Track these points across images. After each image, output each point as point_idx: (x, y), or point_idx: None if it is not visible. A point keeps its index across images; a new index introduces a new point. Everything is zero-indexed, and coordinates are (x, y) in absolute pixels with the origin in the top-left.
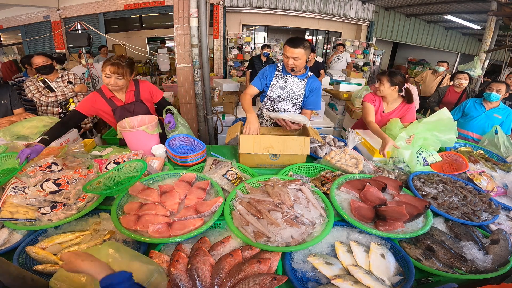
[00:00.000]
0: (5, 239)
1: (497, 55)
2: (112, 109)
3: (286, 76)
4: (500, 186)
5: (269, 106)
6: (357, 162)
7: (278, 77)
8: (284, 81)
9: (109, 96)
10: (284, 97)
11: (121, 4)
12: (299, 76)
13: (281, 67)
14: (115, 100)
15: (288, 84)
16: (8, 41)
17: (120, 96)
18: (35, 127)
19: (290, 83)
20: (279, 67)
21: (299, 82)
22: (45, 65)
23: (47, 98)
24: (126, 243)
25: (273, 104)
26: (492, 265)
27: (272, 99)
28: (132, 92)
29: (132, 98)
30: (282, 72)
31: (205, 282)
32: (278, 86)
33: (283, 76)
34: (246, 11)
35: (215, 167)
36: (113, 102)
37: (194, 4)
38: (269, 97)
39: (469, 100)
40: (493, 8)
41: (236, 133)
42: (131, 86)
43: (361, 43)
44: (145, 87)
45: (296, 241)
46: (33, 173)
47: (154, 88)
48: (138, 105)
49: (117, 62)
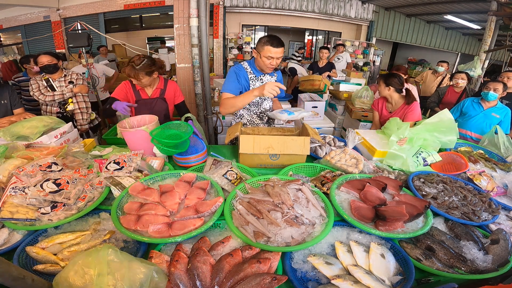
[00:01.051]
0: (5, 239)
1: (497, 55)
2: (136, 100)
3: (260, 77)
4: (500, 186)
5: (255, 110)
6: (357, 162)
7: (253, 80)
8: (260, 82)
9: (138, 88)
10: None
11: (121, 4)
12: (270, 73)
13: (250, 67)
14: (141, 93)
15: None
16: (8, 41)
17: (148, 90)
18: (35, 127)
19: (265, 82)
20: (247, 68)
21: (271, 78)
22: (49, 65)
23: (45, 97)
24: (126, 243)
25: (257, 106)
26: (492, 265)
27: (255, 102)
28: (159, 90)
29: (157, 94)
30: (254, 74)
31: (205, 282)
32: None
33: (257, 77)
34: (246, 11)
35: (215, 167)
36: (140, 94)
37: (194, 4)
38: (252, 101)
39: (467, 99)
40: (493, 8)
41: (236, 133)
42: (160, 83)
43: (361, 43)
44: (171, 87)
45: (296, 241)
46: (33, 173)
47: (178, 91)
48: (160, 102)
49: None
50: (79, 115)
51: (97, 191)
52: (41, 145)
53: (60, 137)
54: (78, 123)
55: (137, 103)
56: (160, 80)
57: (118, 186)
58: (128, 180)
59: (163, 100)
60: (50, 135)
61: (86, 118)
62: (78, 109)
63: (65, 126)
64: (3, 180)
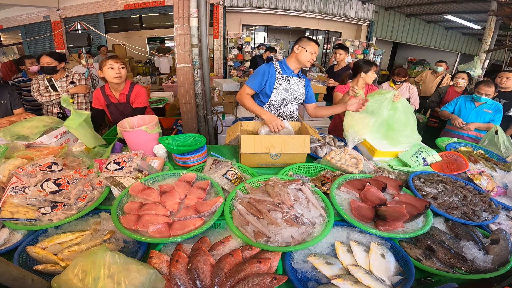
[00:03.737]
0: (6, 239)
1: (497, 55)
2: (107, 104)
3: (288, 77)
4: (500, 186)
5: (274, 111)
6: (357, 162)
7: (280, 79)
8: (287, 83)
9: (107, 93)
10: (289, 99)
11: (121, 4)
12: (297, 75)
13: (280, 67)
14: (110, 97)
15: (291, 86)
16: (8, 41)
17: (116, 94)
18: (35, 127)
19: (293, 83)
20: (277, 68)
21: (299, 81)
22: (48, 67)
23: (42, 97)
24: (126, 243)
25: (277, 108)
26: (492, 265)
27: (277, 103)
28: (124, 95)
29: (123, 99)
30: (283, 73)
31: (205, 282)
32: (282, 88)
33: (285, 77)
34: (246, 11)
35: (215, 167)
36: (109, 98)
37: (194, 4)
38: (273, 102)
39: (460, 97)
40: (493, 8)
41: (236, 133)
42: (125, 88)
43: (361, 43)
44: (135, 91)
45: (296, 241)
46: (33, 173)
47: (141, 96)
48: (127, 106)
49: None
50: None
51: (97, 191)
52: (41, 145)
53: (60, 137)
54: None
55: (108, 107)
56: (126, 84)
57: (118, 186)
58: (128, 180)
59: (129, 105)
60: (50, 135)
61: None
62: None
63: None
64: (3, 180)
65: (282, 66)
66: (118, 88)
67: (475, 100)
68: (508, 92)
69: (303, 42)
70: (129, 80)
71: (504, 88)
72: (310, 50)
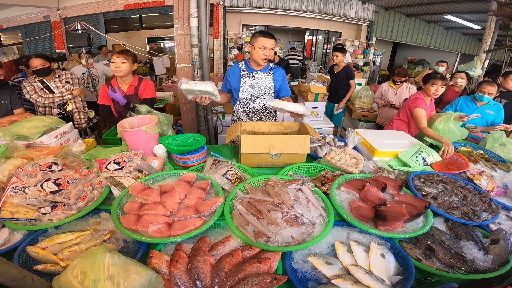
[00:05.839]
0: (5, 239)
1: (497, 55)
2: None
3: (252, 74)
4: (500, 186)
5: (245, 108)
6: (357, 162)
7: (245, 76)
8: (252, 79)
9: (114, 87)
10: (257, 94)
11: (121, 4)
12: (263, 70)
13: (244, 65)
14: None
15: (257, 81)
16: (8, 41)
17: (123, 87)
18: (35, 127)
19: (259, 79)
20: (242, 66)
21: (266, 76)
22: (43, 68)
23: (44, 99)
24: (126, 242)
25: (247, 105)
26: (492, 265)
27: (245, 99)
28: (133, 87)
29: (131, 91)
30: (247, 71)
31: (205, 282)
32: (248, 85)
33: (250, 74)
34: (246, 11)
35: (215, 167)
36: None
37: (194, 4)
38: (242, 99)
39: (460, 98)
40: (493, 8)
41: (236, 133)
42: (134, 81)
43: (361, 43)
44: (144, 84)
45: (296, 241)
46: (33, 173)
47: (149, 88)
48: (134, 98)
49: (121, 50)
50: (76, 114)
51: (97, 191)
52: (41, 145)
53: (60, 137)
54: (76, 122)
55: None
56: (135, 78)
57: (118, 186)
58: (128, 180)
59: (137, 96)
60: (50, 135)
61: (84, 117)
62: (75, 108)
63: (65, 126)
64: (3, 180)
65: (247, 64)
66: (125, 81)
67: (476, 100)
68: (510, 92)
69: (252, 39)
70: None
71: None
72: (258, 46)
